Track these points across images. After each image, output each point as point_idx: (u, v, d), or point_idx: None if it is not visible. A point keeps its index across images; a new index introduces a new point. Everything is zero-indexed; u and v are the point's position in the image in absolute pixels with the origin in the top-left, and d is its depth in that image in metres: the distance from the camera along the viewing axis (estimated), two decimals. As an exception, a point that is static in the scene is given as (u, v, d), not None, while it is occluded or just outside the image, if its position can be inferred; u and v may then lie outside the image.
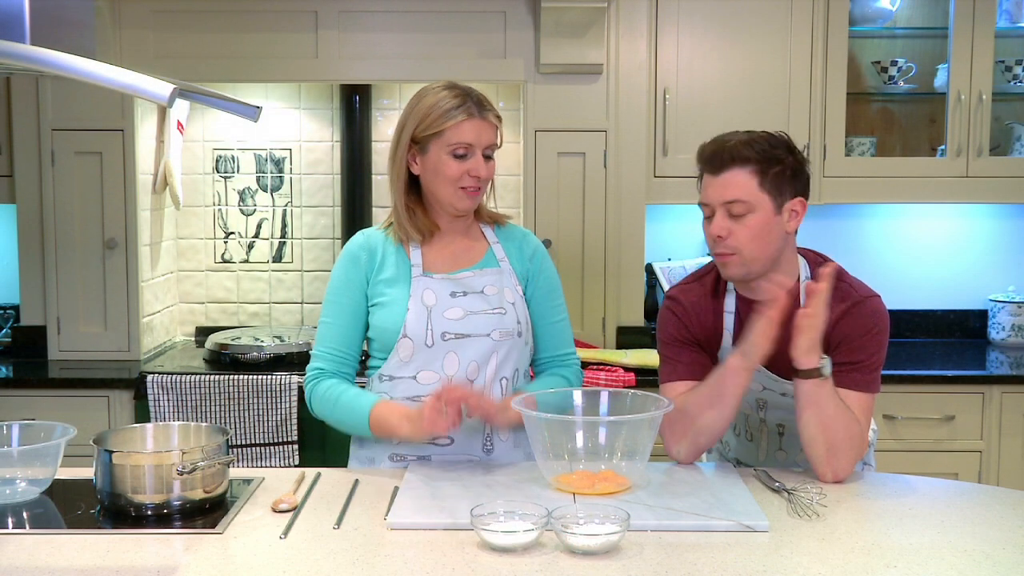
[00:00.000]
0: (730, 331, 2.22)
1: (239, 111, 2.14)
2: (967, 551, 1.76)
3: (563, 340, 2.38)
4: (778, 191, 2.11)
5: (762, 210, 2.10)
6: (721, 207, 2.12)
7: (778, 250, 2.14)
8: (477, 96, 2.24)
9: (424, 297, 2.23)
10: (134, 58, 3.54)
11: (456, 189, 2.22)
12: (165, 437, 2.13)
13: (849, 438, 2.09)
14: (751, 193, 2.09)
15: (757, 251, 2.12)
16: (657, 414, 2.02)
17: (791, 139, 2.17)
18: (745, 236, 2.10)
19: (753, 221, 2.10)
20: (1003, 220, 4.01)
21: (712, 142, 2.15)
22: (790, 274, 2.18)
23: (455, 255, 2.30)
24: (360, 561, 1.71)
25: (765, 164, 2.09)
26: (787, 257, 2.18)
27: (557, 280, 2.39)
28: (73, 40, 1.91)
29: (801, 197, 2.15)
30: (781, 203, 2.12)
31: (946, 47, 3.67)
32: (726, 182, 2.11)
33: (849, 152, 3.72)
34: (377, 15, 3.58)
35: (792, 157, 2.13)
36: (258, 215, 3.99)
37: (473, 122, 2.20)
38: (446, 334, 2.22)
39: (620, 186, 3.60)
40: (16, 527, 1.90)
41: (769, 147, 2.11)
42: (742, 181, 2.09)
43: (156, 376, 3.31)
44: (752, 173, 2.09)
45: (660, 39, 3.59)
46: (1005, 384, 3.43)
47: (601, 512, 1.80)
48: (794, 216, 2.14)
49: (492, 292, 2.26)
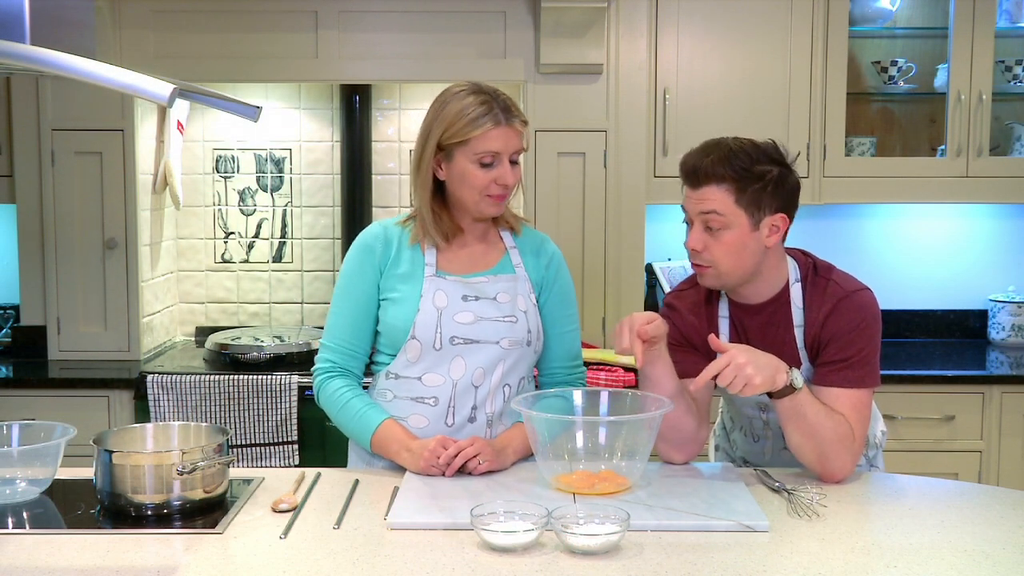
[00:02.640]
0: (725, 335, 2.22)
1: (239, 111, 2.14)
2: (967, 551, 1.76)
3: (573, 350, 2.36)
4: (756, 207, 2.09)
5: (738, 227, 2.09)
6: (698, 219, 2.11)
7: (755, 264, 2.13)
8: (504, 101, 2.18)
9: (436, 298, 2.21)
10: (134, 58, 3.54)
11: (483, 196, 2.19)
12: (165, 437, 2.13)
13: (838, 440, 2.08)
14: (727, 209, 2.08)
15: (732, 266, 2.12)
16: (657, 414, 2.02)
17: (779, 147, 2.14)
18: (720, 251, 2.10)
19: (728, 237, 2.09)
20: (1003, 220, 4.01)
21: (694, 153, 2.13)
22: (776, 282, 2.18)
23: (472, 258, 2.28)
24: (360, 561, 1.71)
25: (743, 182, 2.07)
26: (770, 266, 2.16)
27: (572, 289, 2.36)
28: (73, 40, 1.91)
29: (783, 213, 2.12)
30: (759, 219, 2.10)
31: (946, 47, 3.67)
32: (702, 197, 2.10)
33: (849, 152, 3.72)
34: (377, 15, 3.58)
35: (776, 169, 2.10)
36: (258, 215, 3.99)
37: (500, 130, 2.16)
38: (455, 338, 2.20)
39: (620, 186, 3.60)
40: (16, 527, 1.90)
41: (751, 162, 2.08)
42: (718, 198, 2.08)
43: (156, 376, 3.31)
44: (728, 191, 2.07)
45: (660, 39, 3.59)
46: (1005, 384, 3.43)
47: (601, 512, 1.80)
48: (774, 231, 2.12)
49: (505, 300, 2.24)
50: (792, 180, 2.13)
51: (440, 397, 2.22)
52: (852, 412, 2.11)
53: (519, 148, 2.21)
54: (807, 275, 2.20)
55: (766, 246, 2.12)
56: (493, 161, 2.17)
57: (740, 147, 2.09)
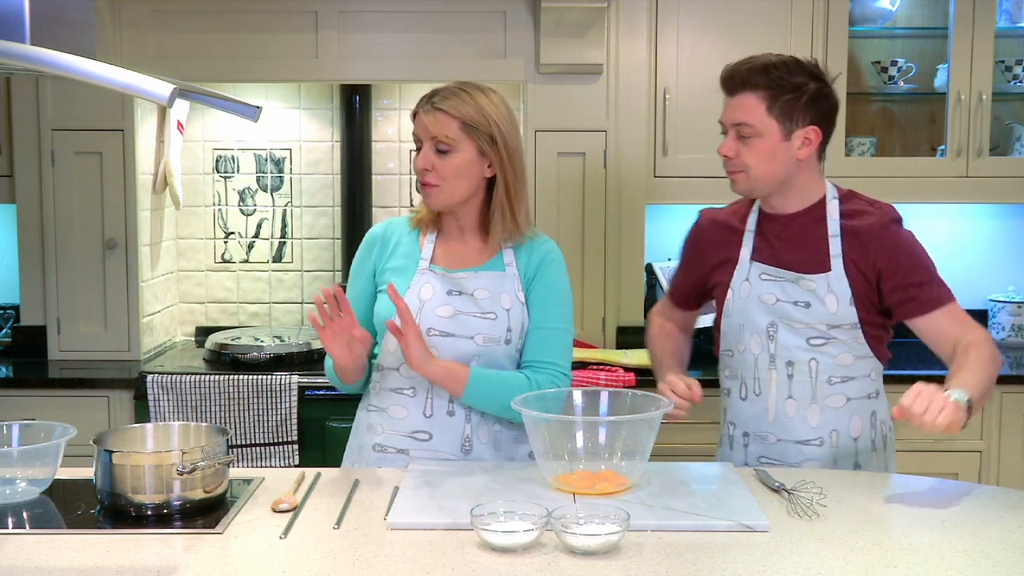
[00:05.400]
0: (748, 247, 2.31)
1: (239, 111, 2.14)
2: (967, 551, 1.76)
3: (549, 348, 2.26)
4: (788, 118, 2.18)
5: (769, 136, 2.19)
6: (732, 128, 2.22)
7: (786, 173, 2.23)
8: (442, 90, 2.22)
9: (422, 291, 2.24)
10: (134, 58, 3.54)
11: (420, 186, 2.25)
12: (165, 437, 2.14)
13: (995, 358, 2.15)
14: (758, 118, 2.18)
15: (763, 172, 2.21)
16: (657, 414, 2.03)
17: (819, 66, 2.22)
18: (751, 158, 2.21)
19: (759, 145, 2.19)
20: (1003, 220, 4.01)
21: (735, 62, 2.22)
22: (810, 194, 2.27)
23: (464, 253, 2.29)
24: (360, 561, 1.71)
25: (776, 90, 2.16)
26: (804, 179, 2.26)
27: (561, 288, 2.30)
28: (73, 40, 1.91)
29: (816, 126, 2.21)
30: (791, 130, 2.19)
31: (946, 47, 3.67)
32: (737, 105, 2.21)
33: (849, 152, 3.72)
34: (377, 15, 3.58)
35: (814, 84, 2.19)
36: (258, 215, 3.99)
37: (421, 117, 2.22)
38: (432, 330, 2.22)
39: (620, 186, 3.60)
40: (16, 527, 1.90)
41: (787, 73, 2.17)
42: (750, 105, 2.18)
43: (156, 376, 3.31)
44: (761, 99, 2.17)
45: (660, 39, 3.59)
46: (1005, 384, 3.43)
47: (601, 512, 1.80)
48: (807, 144, 2.21)
49: (483, 296, 2.24)
50: (830, 97, 2.23)
51: (417, 388, 2.25)
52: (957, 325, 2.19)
53: (435, 136, 2.19)
54: (844, 195, 2.30)
55: (798, 158, 2.21)
56: (419, 147, 2.23)
57: (780, 60, 2.20)
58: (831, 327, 2.24)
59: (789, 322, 2.25)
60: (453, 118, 2.19)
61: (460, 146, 2.19)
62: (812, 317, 2.23)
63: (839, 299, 2.22)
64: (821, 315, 2.23)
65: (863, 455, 2.31)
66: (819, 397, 2.26)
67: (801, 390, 2.27)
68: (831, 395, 2.27)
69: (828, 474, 2.20)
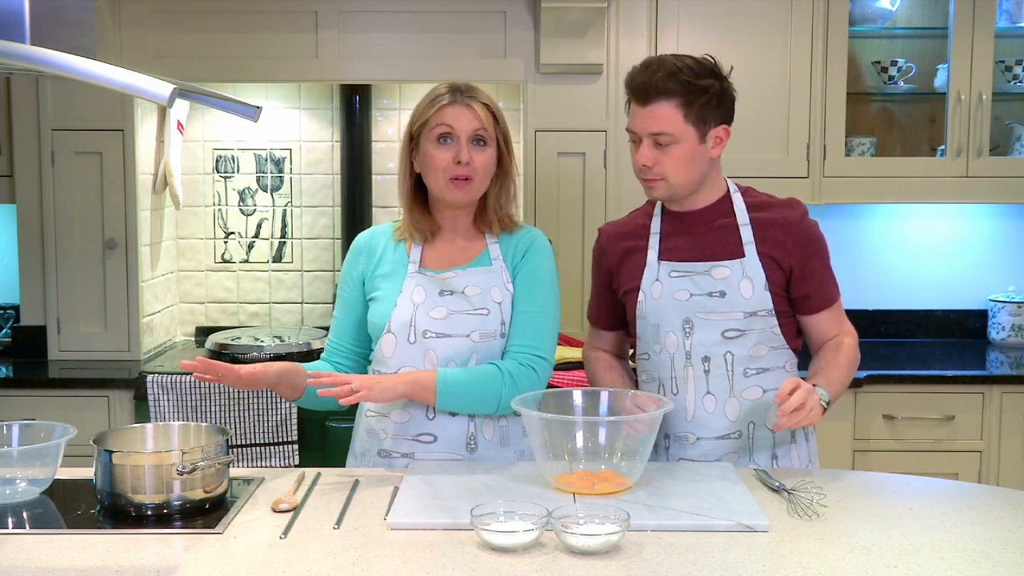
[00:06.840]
0: (655, 248, 2.31)
1: (239, 111, 2.14)
2: (967, 551, 1.76)
3: (525, 331, 2.23)
4: (702, 121, 2.20)
5: (687, 141, 2.20)
6: (648, 137, 2.21)
7: (703, 175, 2.25)
8: (466, 86, 2.25)
9: (414, 295, 2.25)
10: (134, 58, 3.54)
11: (447, 181, 2.22)
12: (165, 437, 2.14)
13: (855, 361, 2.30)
14: (676, 126, 2.19)
15: (682, 177, 2.23)
16: (657, 414, 2.03)
17: (718, 63, 2.24)
18: (670, 165, 2.21)
19: (678, 151, 2.20)
20: (1003, 220, 4.01)
21: (640, 70, 2.22)
22: (717, 189, 2.30)
23: (451, 254, 2.30)
24: (360, 561, 1.71)
25: (690, 96, 2.18)
26: (712, 177, 2.29)
27: (544, 274, 2.28)
28: (73, 40, 1.91)
29: (725, 124, 2.24)
30: (705, 132, 2.22)
31: (946, 47, 3.67)
32: (652, 114, 2.19)
33: (849, 152, 3.72)
34: (377, 15, 3.58)
35: (718, 83, 2.21)
36: (258, 215, 3.99)
37: (454, 108, 2.21)
38: (428, 332, 2.23)
39: (620, 186, 3.59)
40: (16, 527, 1.90)
41: (695, 77, 2.18)
42: (667, 114, 2.18)
43: (156, 376, 3.31)
44: (677, 106, 2.18)
45: (660, 39, 3.59)
46: (1005, 384, 3.43)
47: (601, 512, 1.80)
48: (718, 143, 2.25)
49: (474, 293, 2.24)
50: (731, 91, 2.26)
51: None
52: (836, 323, 2.31)
53: (477, 128, 2.22)
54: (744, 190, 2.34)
55: (711, 157, 2.25)
56: (449, 138, 2.21)
57: (683, 63, 2.21)
58: (747, 315, 2.24)
59: (704, 316, 2.25)
60: (490, 112, 2.25)
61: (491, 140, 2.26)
62: (728, 306, 2.24)
63: (755, 284, 2.24)
64: (737, 303, 2.24)
65: (780, 447, 2.31)
66: (736, 391, 2.27)
67: (718, 384, 2.27)
68: (748, 388, 2.27)
69: (828, 474, 2.20)
